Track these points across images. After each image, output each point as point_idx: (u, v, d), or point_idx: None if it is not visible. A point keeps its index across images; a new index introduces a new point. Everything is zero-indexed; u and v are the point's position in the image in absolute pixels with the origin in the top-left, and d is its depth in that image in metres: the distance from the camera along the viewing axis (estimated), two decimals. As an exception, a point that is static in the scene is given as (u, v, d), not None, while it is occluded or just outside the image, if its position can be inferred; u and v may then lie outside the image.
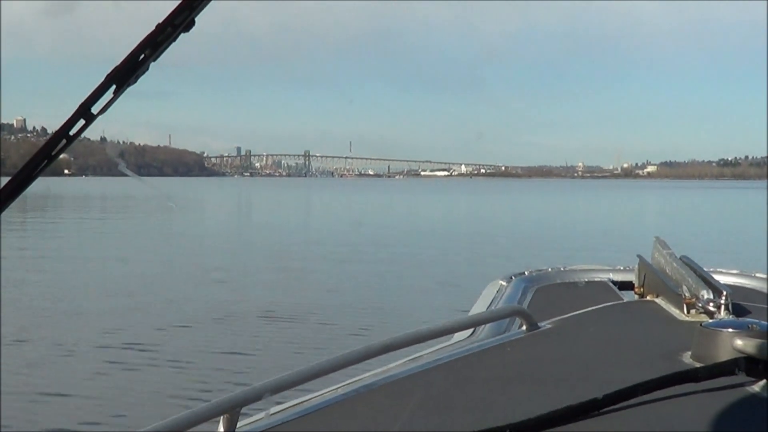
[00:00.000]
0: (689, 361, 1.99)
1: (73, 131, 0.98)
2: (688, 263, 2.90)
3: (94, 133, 1.08)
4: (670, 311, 2.71)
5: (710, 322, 2.06)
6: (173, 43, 1.00)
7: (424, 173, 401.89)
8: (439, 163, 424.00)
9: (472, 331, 2.60)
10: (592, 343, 2.36)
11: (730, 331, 1.86)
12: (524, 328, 2.49)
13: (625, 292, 3.65)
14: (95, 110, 0.98)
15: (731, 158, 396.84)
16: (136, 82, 0.99)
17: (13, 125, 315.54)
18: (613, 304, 3.07)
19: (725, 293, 2.52)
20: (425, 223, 41.89)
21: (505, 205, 72.58)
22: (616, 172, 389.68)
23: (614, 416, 1.57)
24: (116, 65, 0.98)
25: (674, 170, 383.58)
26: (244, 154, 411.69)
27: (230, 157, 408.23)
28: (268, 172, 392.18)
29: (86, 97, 0.97)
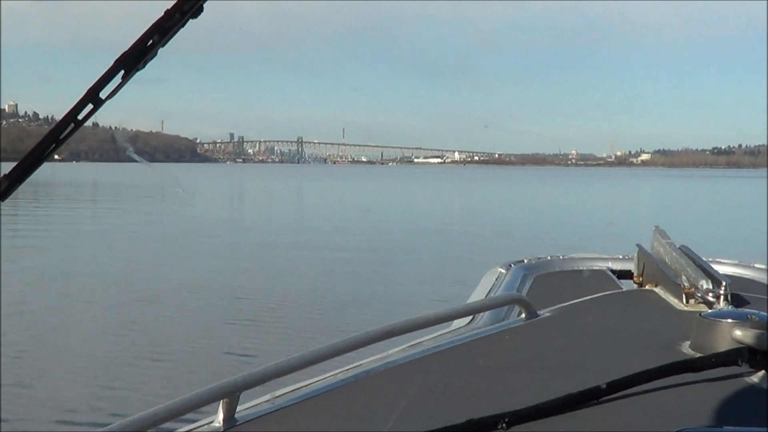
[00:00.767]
0: (688, 350, 1.99)
1: (81, 116, 0.98)
2: (687, 253, 2.90)
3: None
4: (669, 301, 2.71)
5: (709, 312, 2.06)
6: (182, 29, 1.00)
7: (417, 160, 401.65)
8: (432, 150, 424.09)
9: (471, 318, 2.59)
10: (591, 331, 2.37)
11: (729, 321, 1.87)
12: (523, 316, 2.49)
13: (624, 281, 3.66)
14: (103, 95, 0.98)
15: (725, 147, 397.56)
16: (144, 67, 1.00)
17: (5, 110, 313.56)
18: (612, 293, 3.08)
19: (725, 283, 2.52)
20: (421, 210, 41.72)
21: (501, 192, 72.37)
22: (609, 160, 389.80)
23: (613, 405, 1.57)
24: (125, 50, 0.98)
25: (669, 158, 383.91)
26: (237, 140, 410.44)
27: (223, 143, 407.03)
28: (261, 158, 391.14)
29: (95, 81, 0.97)
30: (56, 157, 1.03)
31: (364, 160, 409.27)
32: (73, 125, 0.98)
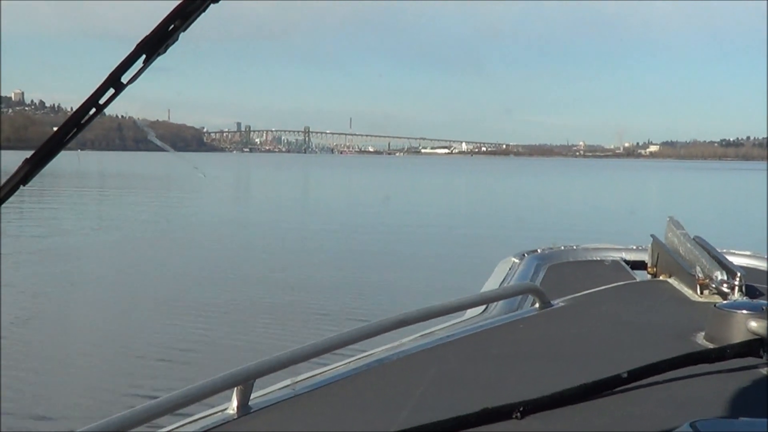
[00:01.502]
0: (702, 341, 1.99)
1: (102, 100, 0.98)
2: (701, 244, 2.89)
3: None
4: (683, 291, 2.70)
5: (724, 303, 2.06)
6: (203, 14, 1.00)
7: (424, 150, 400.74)
8: (439, 140, 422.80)
9: (484, 307, 2.60)
10: (604, 321, 2.36)
11: (744, 312, 1.87)
12: (537, 305, 2.49)
13: (637, 271, 3.65)
14: (125, 80, 0.98)
15: (733, 139, 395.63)
16: (165, 51, 0.99)
17: (11, 98, 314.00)
18: (626, 283, 3.07)
19: (739, 274, 2.51)
20: (432, 201, 41.72)
21: (510, 183, 72.22)
22: (618, 151, 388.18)
23: (628, 395, 1.57)
24: (146, 35, 0.98)
25: (677, 150, 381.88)
26: (243, 129, 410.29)
27: (230, 132, 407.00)
28: (267, 148, 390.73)
29: (116, 66, 0.97)
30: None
31: (371, 150, 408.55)
32: (94, 110, 0.98)
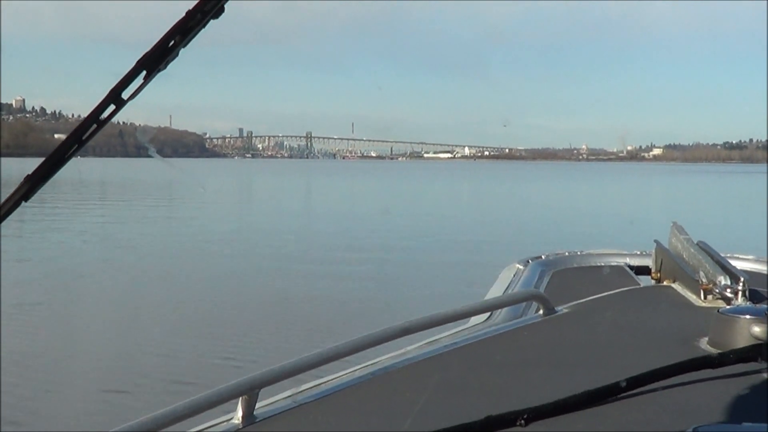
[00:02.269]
0: (706, 347, 1.99)
1: (103, 116, 0.99)
2: (705, 249, 2.89)
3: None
4: (686, 297, 2.70)
5: (727, 308, 2.06)
6: (203, 29, 1.01)
7: (427, 155, 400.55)
8: (442, 145, 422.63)
9: (488, 314, 2.59)
10: (609, 327, 2.36)
11: (747, 317, 1.88)
12: (541, 312, 2.48)
13: (641, 276, 3.64)
14: (125, 95, 0.98)
15: (736, 141, 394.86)
16: (166, 68, 1.01)
17: (12, 105, 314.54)
18: (630, 289, 3.06)
19: (743, 279, 2.50)
20: (436, 207, 41.70)
21: (513, 188, 72.11)
22: (621, 154, 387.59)
23: (632, 401, 1.57)
24: (146, 51, 0.99)
25: (681, 153, 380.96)
26: (245, 135, 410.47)
27: (232, 138, 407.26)
28: (270, 153, 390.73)
29: (117, 82, 0.98)
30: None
31: (373, 155, 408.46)
32: (95, 126, 0.99)
